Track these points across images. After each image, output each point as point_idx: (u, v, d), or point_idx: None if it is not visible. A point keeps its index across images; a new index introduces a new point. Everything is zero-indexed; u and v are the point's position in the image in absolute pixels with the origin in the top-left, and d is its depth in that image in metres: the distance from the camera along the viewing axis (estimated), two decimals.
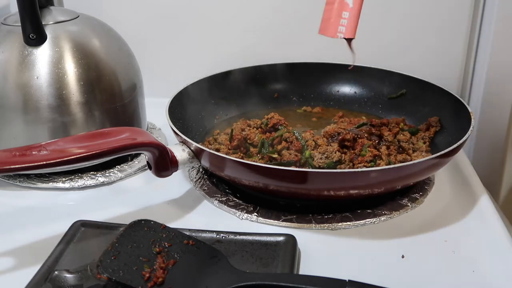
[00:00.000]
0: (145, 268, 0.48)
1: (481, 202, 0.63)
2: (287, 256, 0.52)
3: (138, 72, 0.75)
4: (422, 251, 0.55)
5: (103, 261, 0.47)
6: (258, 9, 0.91)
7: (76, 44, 0.67)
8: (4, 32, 0.67)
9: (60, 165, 0.54)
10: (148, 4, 0.92)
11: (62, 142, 0.57)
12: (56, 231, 0.57)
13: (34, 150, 0.54)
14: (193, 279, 0.48)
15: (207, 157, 0.61)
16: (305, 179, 0.56)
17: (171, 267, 0.48)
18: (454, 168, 0.71)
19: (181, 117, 0.72)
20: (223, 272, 0.49)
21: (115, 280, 0.46)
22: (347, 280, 0.46)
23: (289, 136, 0.68)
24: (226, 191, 0.65)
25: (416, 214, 0.61)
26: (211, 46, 0.94)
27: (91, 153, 0.55)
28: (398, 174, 0.57)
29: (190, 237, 0.52)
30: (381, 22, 0.90)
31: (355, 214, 0.60)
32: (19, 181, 0.68)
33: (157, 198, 0.65)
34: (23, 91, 0.64)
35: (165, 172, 0.61)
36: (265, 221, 0.60)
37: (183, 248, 0.51)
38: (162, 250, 0.50)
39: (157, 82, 0.87)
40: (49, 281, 0.49)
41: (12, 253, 0.56)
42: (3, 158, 0.52)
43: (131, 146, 0.57)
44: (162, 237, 0.51)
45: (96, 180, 0.68)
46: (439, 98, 0.75)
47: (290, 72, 0.86)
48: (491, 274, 0.51)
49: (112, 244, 0.49)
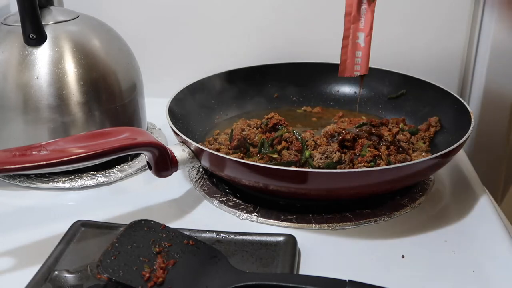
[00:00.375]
0: (145, 268, 0.48)
1: (481, 202, 0.63)
2: (287, 256, 0.52)
3: (138, 72, 0.75)
4: (422, 251, 0.55)
5: (103, 261, 0.47)
6: (258, 9, 0.91)
7: (76, 44, 0.67)
8: (4, 32, 0.67)
9: (60, 165, 0.54)
10: (148, 4, 0.92)
11: (62, 142, 0.57)
12: (56, 231, 0.57)
13: (34, 150, 0.54)
14: (193, 279, 0.48)
15: (207, 157, 0.61)
16: (305, 179, 0.56)
17: (171, 267, 0.48)
18: (454, 168, 0.71)
19: (181, 117, 0.72)
20: (223, 272, 0.49)
21: (115, 280, 0.46)
22: (347, 280, 0.46)
23: (289, 136, 0.68)
24: (226, 191, 0.65)
25: (416, 214, 0.61)
26: (211, 46, 0.94)
27: (91, 153, 0.55)
28: (398, 174, 0.57)
29: (190, 237, 0.52)
30: (381, 22, 0.90)
31: (355, 214, 0.60)
32: (19, 181, 0.68)
33: (157, 198, 0.65)
34: (23, 91, 0.64)
35: (165, 172, 0.61)
36: (265, 221, 0.60)
37: (183, 248, 0.51)
38: (162, 250, 0.50)
39: (157, 82, 0.87)
40: (49, 281, 0.49)
41: (12, 253, 0.56)
42: (3, 158, 0.52)
43: (131, 146, 0.57)
44: (162, 237, 0.51)
45: (96, 180, 0.68)
46: (439, 98, 0.75)
47: (290, 72, 0.86)
48: (491, 274, 0.51)
49: (112, 244, 0.49)
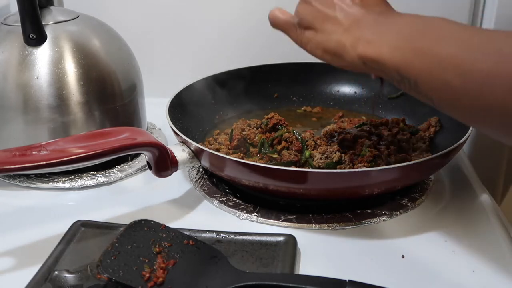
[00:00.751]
0: (145, 268, 0.48)
1: (481, 202, 0.63)
2: (287, 256, 0.52)
3: (138, 72, 0.75)
4: (422, 251, 0.55)
5: (103, 261, 0.47)
6: (259, 9, 0.90)
7: (76, 44, 0.67)
8: (4, 32, 0.67)
9: (60, 165, 0.54)
10: (148, 4, 0.92)
11: (62, 142, 0.57)
12: (56, 231, 0.57)
13: (34, 150, 0.54)
14: (193, 279, 0.48)
15: (207, 157, 0.61)
16: (305, 179, 0.56)
17: (171, 267, 0.48)
18: (454, 168, 0.71)
19: (181, 117, 0.72)
20: (223, 272, 0.49)
21: (115, 280, 0.46)
22: (347, 280, 0.46)
23: (289, 136, 0.68)
24: (226, 191, 0.65)
25: (416, 214, 0.61)
26: (211, 46, 0.94)
27: (91, 153, 0.55)
28: (398, 174, 0.57)
29: (190, 237, 0.52)
30: None
31: (355, 214, 0.60)
32: (19, 181, 0.68)
33: (157, 198, 0.65)
34: (23, 91, 0.64)
35: (165, 172, 0.61)
36: (265, 221, 0.60)
37: (183, 248, 0.51)
38: (162, 250, 0.50)
39: (157, 82, 0.87)
40: (49, 281, 0.49)
41: (12, 253, 0.56)
42: (3, 158, 0.52)
43: (131, 146, 0.57)
44: (162, 237, 0.51)
45: (96, 180, 0.68)
46: None
47: (290, 72, 0.86)
48: (491, 274, 0.51)
49: (112, 244, 0.49)
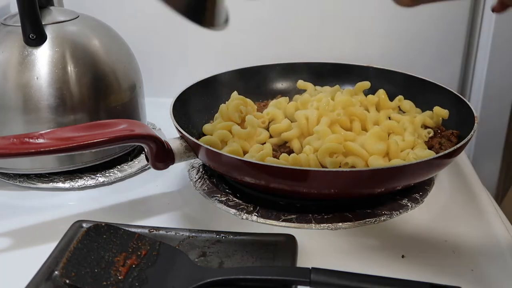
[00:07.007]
0: (107, 275, 0.46)
1: (481, 202, 0.63)
2: (287, 256, 0.52)
3: (138, 72, 0.75)
4: (422, 251, 0.55)
5: (64, 267, 0.46)
6: (259, 9, 0.91)
7: (76, 44, 0.67)
8: (4, 32, 0.67)
9: (57, 152, 0.55)
10: (148, 5, 0.92)
11: (60, 131, 0.57)
12: (56, 231, 0.57)
13: (32, 138, 0.54)
14: (157, 282, 0.47)
15: (204, 153, 0.60)
16: (304, 178, 0.56)
17: (134, 271, 0.47)
18: (454, 168, 0.71)
19: (182, 117, 0.72)
20: (187, 270, 0.48)
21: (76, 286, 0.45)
22: (311, 268, 0.46)
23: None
24: (226, 191, 0.65)
25: (416, 214, 0.61)
26: (211, 46, 0.94)
27: (88, 142, 0.55)
28: (398, 174, 0.57)
29: (151, 239, 0.51)
30: (381, 22, 0.90)
31: (355, 214, 0.60)
32: (19, 181, 0.68)
33: (157, 198, 0.65)
34: (23, 91, 0.64)
35: (161, 164, 0.61)
36: (265, 221, 0.60)
37: (145, 251, 0.50)
38: (126, 255, 0.49)
39: (157, 82, 0.87)
40: (49, 281, 0.49)
41: (12, 253, 0.56)
42: (1, 144, 0.53)
43: (128, 137, 0.58)
44: (124, 241, 0.50)
45: (96, 180, 0.68)
46: (440, 98, 0.75)
47: (291, 72, 0.86)
48: (491, 274, 0.51)
49: (71, 251, 0.48)
